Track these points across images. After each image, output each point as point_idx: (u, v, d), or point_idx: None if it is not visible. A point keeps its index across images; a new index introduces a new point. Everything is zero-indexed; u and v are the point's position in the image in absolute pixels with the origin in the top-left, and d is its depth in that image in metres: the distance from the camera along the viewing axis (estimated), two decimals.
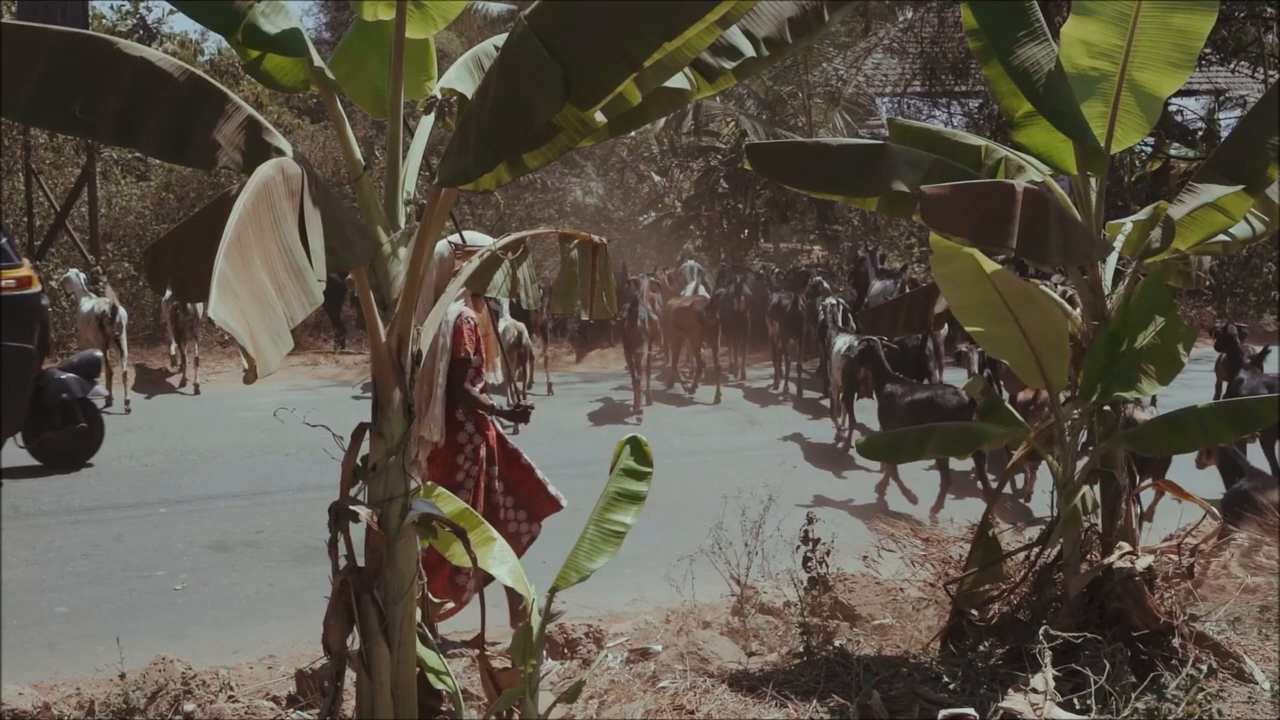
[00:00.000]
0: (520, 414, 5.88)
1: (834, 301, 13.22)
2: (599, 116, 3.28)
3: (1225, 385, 11.72)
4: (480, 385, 5.82)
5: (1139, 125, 5.09)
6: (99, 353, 11.95)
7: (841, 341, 11.61)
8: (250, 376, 2.48)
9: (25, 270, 9.59)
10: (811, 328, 13.97)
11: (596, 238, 4.80)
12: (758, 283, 16.66)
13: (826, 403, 12.77)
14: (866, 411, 11.16)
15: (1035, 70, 4.89)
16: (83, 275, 14.74)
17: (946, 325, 8.62)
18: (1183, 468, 7.55)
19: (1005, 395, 9.75)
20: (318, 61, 3.68)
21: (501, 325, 12.95)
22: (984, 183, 4.95)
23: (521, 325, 12.94)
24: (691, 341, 14.62)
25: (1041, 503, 8.39)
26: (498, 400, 6.24)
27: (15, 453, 10.10)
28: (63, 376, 10.45)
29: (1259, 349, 10.98)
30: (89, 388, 10.62)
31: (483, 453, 5.88)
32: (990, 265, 5.09)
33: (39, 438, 10.22)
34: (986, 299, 5.12)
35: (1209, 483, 7.36)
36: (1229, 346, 11.84)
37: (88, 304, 13.30)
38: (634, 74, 3.06)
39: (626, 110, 3.47)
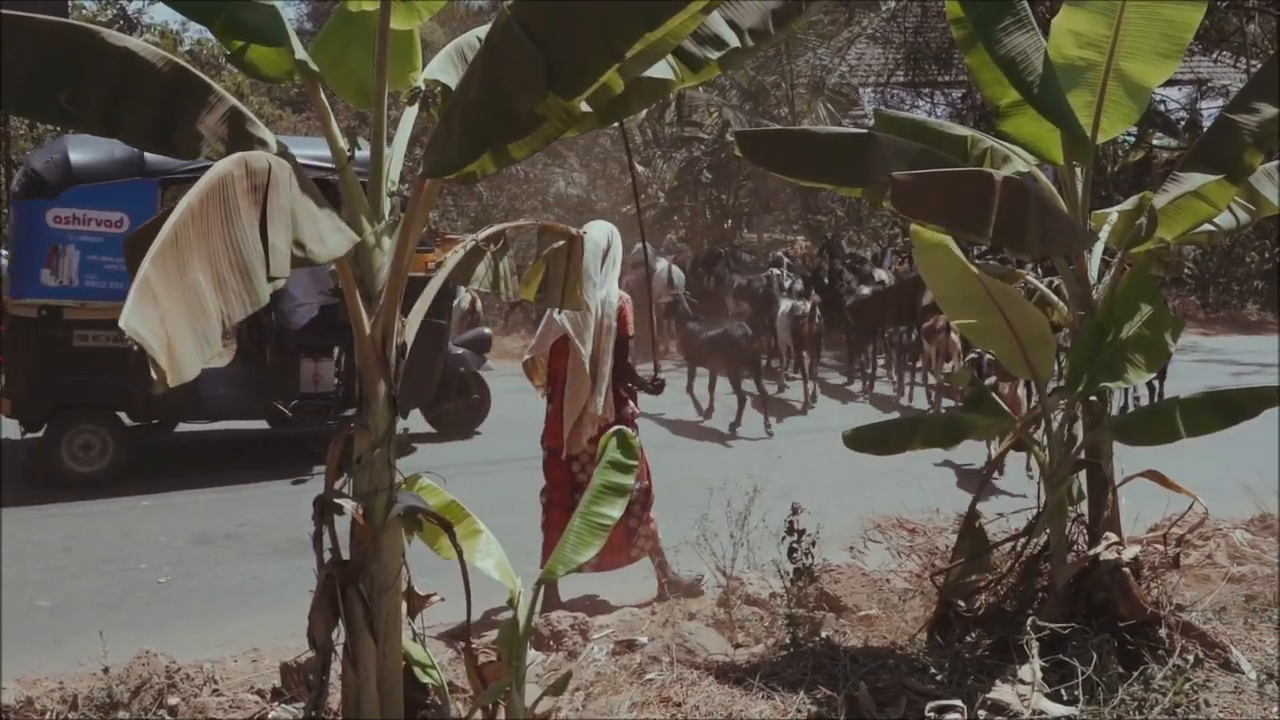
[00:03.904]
0: (658, 386, 6.31)
1: (778, 271, 15.22)
2: (583, 106, 3.26)
3: None
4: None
5: (1126, 115, 5.09)
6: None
7: (785, 305, 13.15)
8: (160, 385, 2.42)
9: (439, 254, 9.93)
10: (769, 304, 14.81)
11: (574, 230, 4.79)
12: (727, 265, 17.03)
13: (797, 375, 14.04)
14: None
15: (1021, 59, 4.89)
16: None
17: None
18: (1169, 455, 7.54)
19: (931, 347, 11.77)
20: (300, 53, 3.64)
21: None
22: (958, 171, 4.95)
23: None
24: None
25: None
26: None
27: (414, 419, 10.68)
28: (459, 351, 11.15)
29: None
30: (480, 362, 11.39)
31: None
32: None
33: (438, 407, 10.88)
34: (970, 290, 5.11)
35: (1203, 478, 7.36)
36: None
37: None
38: (618, 63, 3.03)
39: (609, 100, 3.45)
